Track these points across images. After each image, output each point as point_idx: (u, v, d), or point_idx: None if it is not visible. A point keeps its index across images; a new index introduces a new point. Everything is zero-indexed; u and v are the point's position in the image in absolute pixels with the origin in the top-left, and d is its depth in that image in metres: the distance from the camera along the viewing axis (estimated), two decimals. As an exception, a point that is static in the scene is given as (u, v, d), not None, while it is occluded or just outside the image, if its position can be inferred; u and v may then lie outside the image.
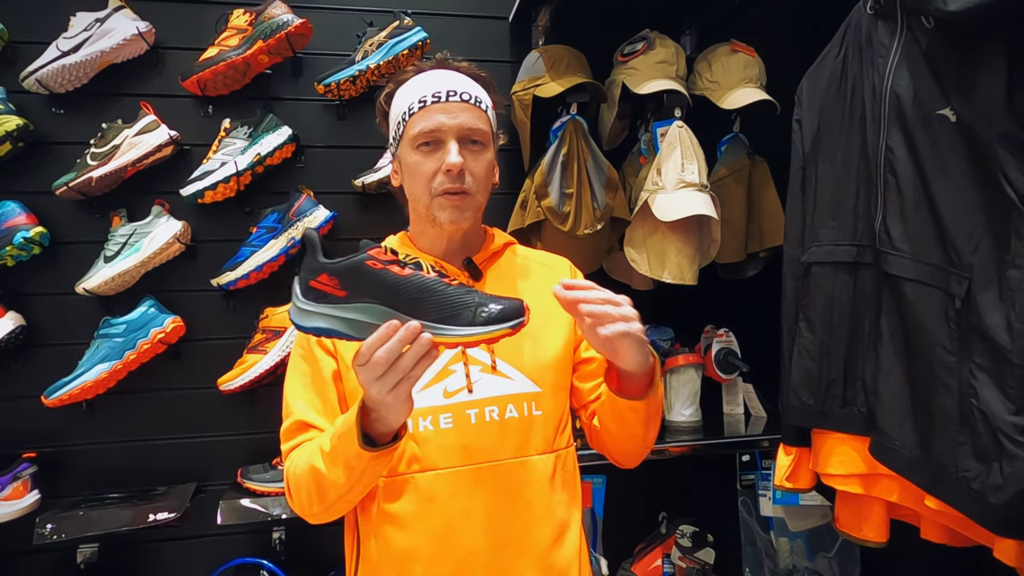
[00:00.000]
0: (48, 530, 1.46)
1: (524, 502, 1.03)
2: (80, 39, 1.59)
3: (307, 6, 1.75)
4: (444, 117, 1.03)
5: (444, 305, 0.80)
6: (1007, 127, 0.95)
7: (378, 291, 0.80)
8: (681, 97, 1.65)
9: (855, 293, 1.25)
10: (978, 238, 1.01)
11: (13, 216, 1.55)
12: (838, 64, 1.27)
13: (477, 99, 1.06)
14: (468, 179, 1.04)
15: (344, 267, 0.81)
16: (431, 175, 1.03)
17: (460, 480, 1.00)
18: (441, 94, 1.04)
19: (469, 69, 1.11)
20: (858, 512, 1.31)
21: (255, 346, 1.64)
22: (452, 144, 1.02)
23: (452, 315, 0.79)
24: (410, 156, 1.05)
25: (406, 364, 0.79)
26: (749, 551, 1.86)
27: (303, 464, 0.96)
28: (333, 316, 0.81)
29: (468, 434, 1.02)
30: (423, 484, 1.00)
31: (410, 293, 0.80)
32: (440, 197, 1.03)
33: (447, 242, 1.10)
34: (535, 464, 1.04)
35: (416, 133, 1.03)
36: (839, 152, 1.27)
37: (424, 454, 1.01)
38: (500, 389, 1.04)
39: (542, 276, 1.16)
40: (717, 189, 1.67)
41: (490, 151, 1.08)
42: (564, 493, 1.07)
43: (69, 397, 1.55)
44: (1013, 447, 0.94)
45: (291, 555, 1.68)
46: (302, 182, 1.74)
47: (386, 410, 0.85)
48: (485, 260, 1.13)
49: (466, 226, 1.07)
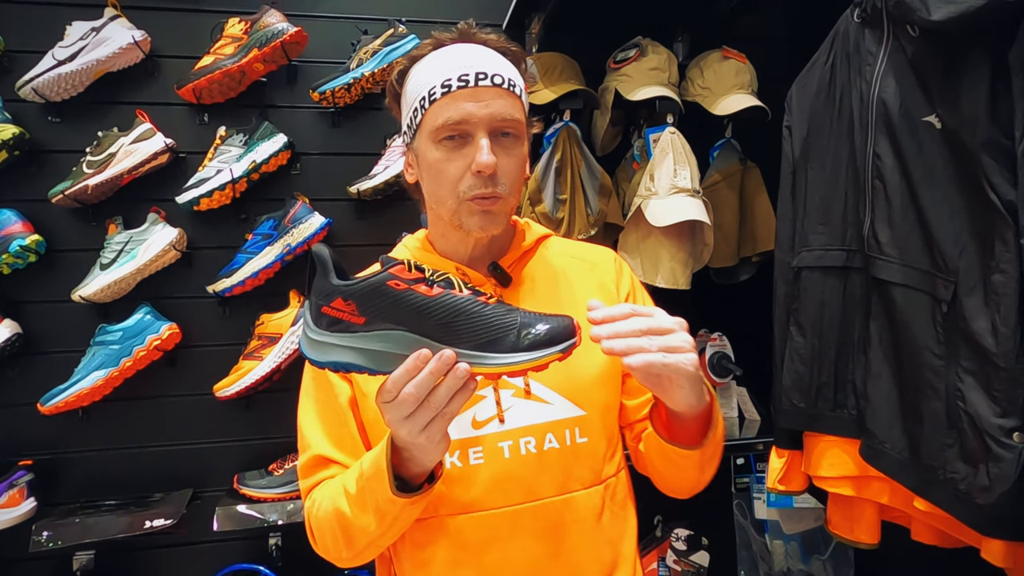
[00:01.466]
0: (44, 537, 1.46)
1: (570, 546, 0.89)
2: (76, 48, 1.60)
3: (302, 14, 1.76)
4: (473, 106, 0.85)
5: (482, 329, 0.69)
6: (991, 134, 0.97)
7: (403, 316, 0.69)
8: (673, 103, 1.66)
9: (845, 297, 1.26)
10: (963, 243, 1.03)
11: (9, 224, 1.56)
12: (826, 71, 1.29)
13: (511, 82, 0.89)
14: (502, 180, 0.87)
15: (361, 289, 0.69)
16: (458, 176, 0.87)
17: (496, 524, 0.87)
18: (469, 77, 0.85)
19: (498, 42, 0.92)
20: (850, 514, 1.32)
21: (251, 352, 1.65)
22: (483, 140, 0.85)
23: (491, 340, 0.68)
24: (431, 151, 0.88)
25: (439, 400, 0.68)
26: (744, 554, 1.87)
27: (327, 506, 0.86)
28: (351, 347, 0.69)
29: (502, 470, 0.88)
30: (454, 529, 0.88)
31: (441, 316, 0.69)
32: (469, 202, 0.87)
33: (473, 247, 0.95)
34: (580, 501, 0.90)
35: (439, 125, 0.86)
36: (828, 158, 1.28)
37: (453, 495, 0.87)
38: (537, 416, 0.89)
39: (582, 275, 1.00)
40: (710, 194, 1.69)
41: (523, 144, 0.92)
42: (614, 528, 0.94)
43: (65, 404, 1.56)
44: (999, 449, 0.95)
45: (288, 561, 1.68)
46: (297, 189, 1.75)
47: (418, 450, 0.74)
48: (515, 262, 0.98)
49: (497, 232, 0.91)
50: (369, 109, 1.81)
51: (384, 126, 1.80)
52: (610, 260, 1.05)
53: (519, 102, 0.91)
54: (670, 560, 1.80)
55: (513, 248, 0.99)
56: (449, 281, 0.71)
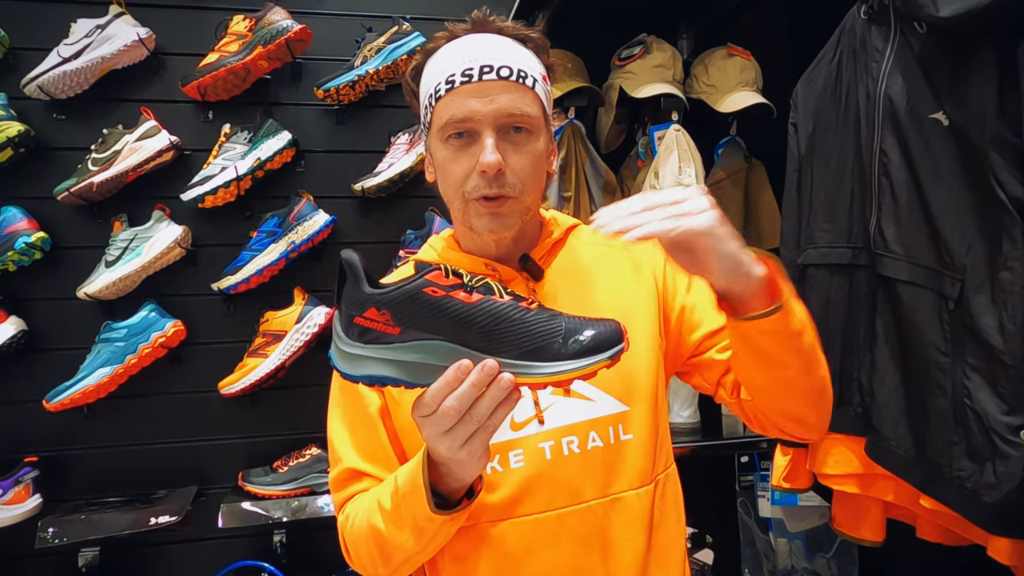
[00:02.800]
0: (50, 534, 1.47)
1: (618, 551, 0.84)
2: (81, 45, 1.60)
3: (306, 12, 1.76)
4: (477, 102, 0.81)
5: (525, 336, 0.65)
6: (998, 131, 0.96)
7: (441, 325, 0.65)
8: (678, 101, 1.66)
9: (850, 295, 1.26)
10: (970, 240, 1.02)
11: (15, 221, 1.56)
12: (833, 68, 1.28)
13: (520, 74, 0.83)
14: (510, 179, 0.83)
15: (396, 297, 0.65)
16: (463, 176, 0.84)
17: (539, 530, 0.83)
18: (473, 71, 0.82)
19: (514, 29, 0.87)
20: (855, 512, 1.32)
21: (256, 350, 1.65)
22: (488, 139, 0.81)
23: (536, 348, 0.65)
24: (440, 150, 0.86)
25: (482, 413, 0.64)
26: (748, 552, 1.87)
27: (361, 522, 0.83)
28: (386, 360, 0.65)
29: (544, 473, 0.84)
30: (495, 537, 0.84)
31: (482, 324, 0.65)
32: (475, 202, 0.84)
33: (496, 245, 0.90)
34: (629, 501, 0.85)
35: (444, 123, 0.83)
36: (834, 155, 1.28)
37: (493, 500, 0.84)
38: (578, 414, 0.85)
39: (616, 260, 0.95)
40: (714, 192, 1.65)
41: (539, 139, 0.86)
42: (664, 528, 0.89)
43: (71, 401, 1.56)
44: (1006, 446, 0.95)
45: (292, 558, 1.68)
46: (302, 186, 1.75)
47: (458, 466, 0.70)
48: (545, 255, 0.94)
49: (510, 234, 0.87)
50: (373, 107, 1.81)
51: (388, 123, 1.80)
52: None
53: (532, 94, 0.85)
54: (674, 558, 1.80)
55: (543, 240, 0.95)
56: (488, 286, 0.67)
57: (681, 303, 0.94)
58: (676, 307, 0.94)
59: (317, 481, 1.62)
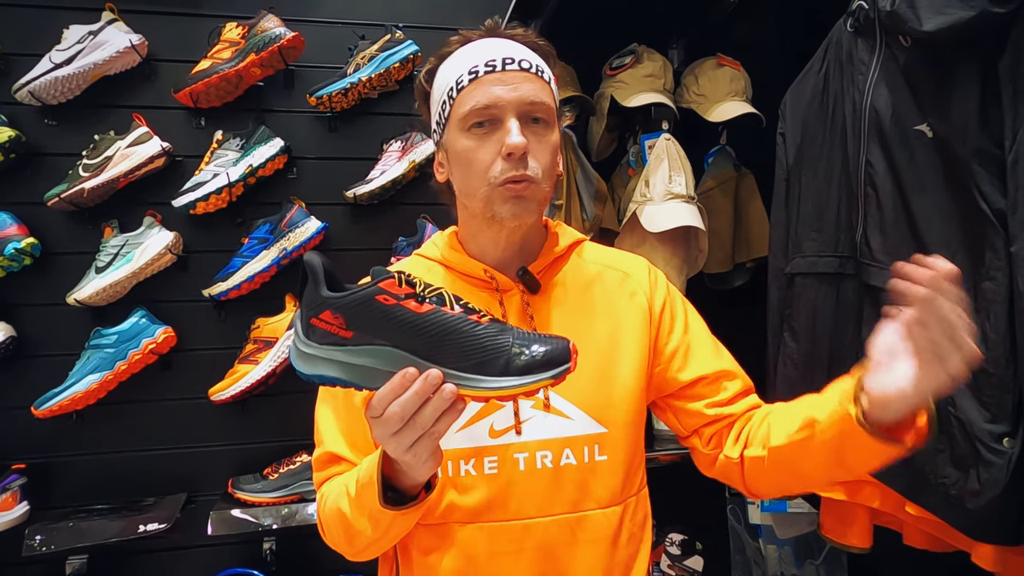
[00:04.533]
0: (37, 541, 1.46)
1: (580, 566, 0.87)
2: (73, 51, 1.60)
3: (299, 19, 1.77)
4: (501, 89, 0.84)
5: (472, 349, 0.66)
6: (981, 143, 0.98)
7: (391, 332, 0.67)
8: (668, 110, 1.67)
9: (837, 303, 1.27)
10: (954, 250, 1.04)
11: (5, 227, 1.56)
12: (820, 79, 1.30)
13: (539, 68, 0.88)
14: (532, 164, 0.85)
15: (350, 303, 0.67)
16: (489, 162, 0.85)
17: (504, 536, 0.86)
18: (496, 62, 0.85)
19: (525, 36, 0.92)
20: (842, 518, 1.33)
21: (246, 356, 1.65)
22: (512, 122, 0.84)
23: (481, 362, 0.66)
24: (460, 141, 0.87)
25: (425, 420, 0.66)
26: (738, 559, 1.88)
27: (331, 503, 0.86)
28: (338, 361, 0.68)
29: (515, 483, 0.86)
30: (462, 538, 0.86)
31: (430, 334, 0.66)
32: (500, 188, 0.85)
33: (505, 246, 0.92)
34: (595, 521, 0.88)
35: (467, 111, 0.85)
36: (821, 165, 1.30)
37: (464, 503, 0.86)
38: (555, 431, 0.87)
39: (615, 285, 0.97)
40: (704, 201, 1.70)
41: (555, 132, 0.90)
42: (629, 549, 0.91)
43: (59, 408, 1.55)
44: (989, 454, 0.96)
45: (282, 566, 1.68)
46: (294, 193, 1.75)
47: (407, 467, 0.73)
48: (545, 268, 0.95)
49: (531, 221, 0.90)
50: (366, 114, 1.82)
51: (380, 131, 1.81)
52: (644, 270, 1.01)
53: (549, 88, 0.90)
54: (664, 565, 1.81)
55: (544, 253, 0.96)
56: (441, 298, 0.69)
57: (677, 342, 0.97)
58: (671, 344, 0.97)
59: (307, 488, 1.61)
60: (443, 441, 0.74)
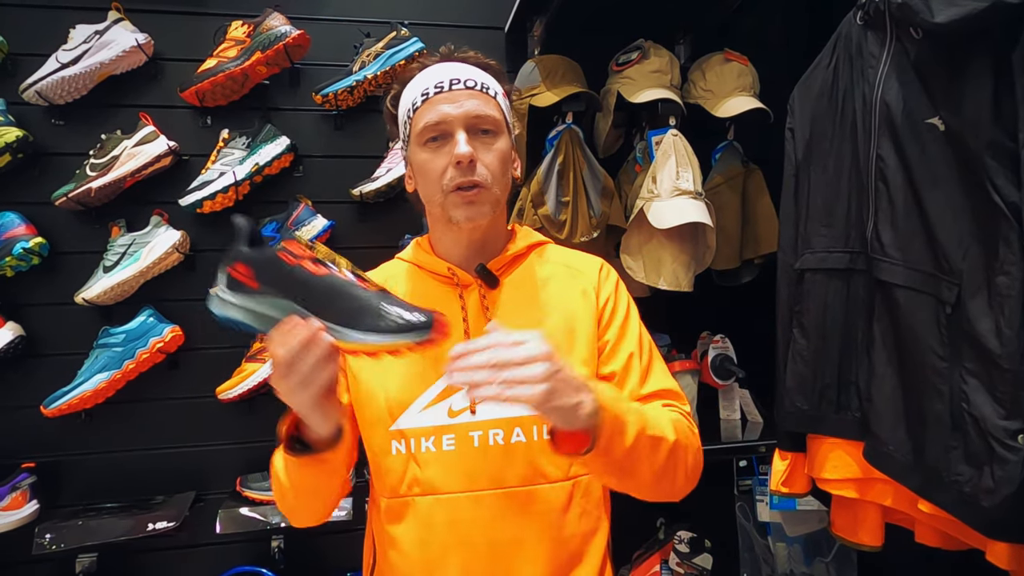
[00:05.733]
0: (47, 540, 1.46)
1: (530, 533, 0.95)
2: (80, 51, 1.60)
3: (305, 17, 1.76)
4: (449, 107, 0.96)
5: (352, 309, 0.75)
6: (994, 136, 0.97)
7: (289, 287, 0.77)
8: (675, 106, 1.66)
9: (848, 299, 1.26)
10: (967, 245, 1.03)
11: (12, 227, 1.56)
12: (829, 74, 1.29)
13: (484, 85, 1.00)
14: (481, 170, 0.96)
15: (258, 258, 0.78)
16: (441, 171, 0.96)
17: (460, 507, 0.94)
18: (444, 84, 0.97)
19: (476, 59, 1.04)
20: (853, 516, 1.32)
21: (253, 355, 1.65)
22: (460, 134, 0.95)
23: (356, 319, 0.75)
24: (419, 154, 0.99)
25: (305, 366, 0.75)
26: (747, 556, 1.87)
27: (274, 466, 0.98)
28: (244, 308, 0.78)
29: (470, 458, 0.95)
30: (423, 508, 0.95)
31: (321, 292, 0.76)
32: (452, 194, 0.96)
33: (466, 246, 1.02)
34: (543, 494, 0.95)
35: (422, 128, 0.97)
36: (831, 160, 1.29)
37: (425, 476, 0.95)
38: (506, 411, 0.95)
39: (566, 282, 1.05)
40: (712, 196, 1.69)
41: (503, 140, 1.00)
42: (582, 524, 0.98)
43: (68, 407, 1.56)
44: (1003, 451, 0.95)
45: (290, 563, 1.68)
46: (300, 192, 1.75)
47: (304, 417, 0.82)
48: (504, 266, 1.04)
49: (484, 223, 0.99)
50: (372, 112, 1.81)
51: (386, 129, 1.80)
52: (595, 267, 1.09)
53: (495, 102, 1.00)
54: (673, 563, 1.80)
55: (504, 252, 1.05)
56: (336, 264, 0.79)
57: (607, 338, 1.03)
58: (604, 336, 1.03)
59: (315, 486, 1.61)
60: (407, 421, 0.93)
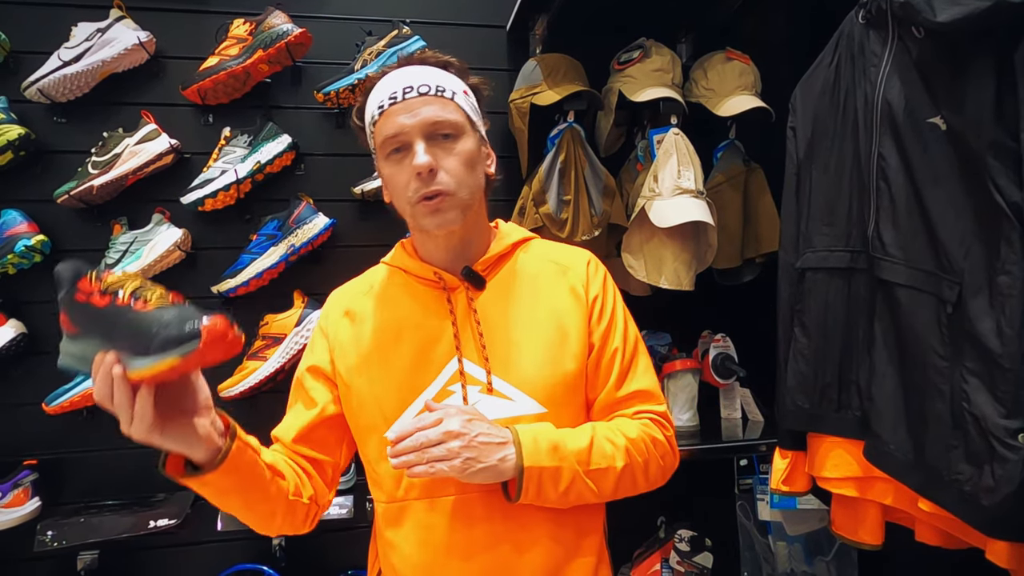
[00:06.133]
0: (49, 537, 1.47)
1: (526, 534, 0.95)
2: (81, 49, 1.61)
3: (307, 15, 1.77)
4: (404, 117, 0.93)
5: (133, 334, 0.70)
6: (996, 136, 0.97)
7: (89, 324, 0.74)
8: (677, 105, 1.66)
9: (849, 298, 1.26)
10: (968, 244, 1.02)
11: (14, 224, 1.57)
12: (831, 72, 1.29)
13: (439, 88, 0.96)
14: (443, 177, 0.93)
15: (64, 301, 0.75)
16: (405, 183, 0.94)
17: (456, 509, 0.94)
18: (397, 94, 0.94)
19: (435, 58, 1.00)
20: (854, 515, 1.32)
21: (255, 353, 1.65)
22: (418, 144, 0.93)
23: (137, 344, 0.70)
24: (384, 167, 0.98)
25: (120, 400, 0.72)
26: (747, 555, 1.87)
27: None
28: (70, 353, 0.76)
29: None
30: (419, 512, 0.95)
31: (109, 323, 0.72)
32: (418, 204, 0.94)
33: (446, 249, 1.01)
34: None
35: (382, 141, 0.96)
36: (832, 159, 1.28)
37: (420, 480, 0.94)
38: (499, 411, 0.95)
39: (554, 279, 1.04)
40: (713, 195, 1.69)
41: (467, 140, 0.97)
42: (578, 521, 0.98)
43: (70, 404, 1.56)
44: (1004, 450, 0.95)
45: (291, 561, 1.69)
46: (302, 190, 1.75)
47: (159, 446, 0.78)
48: (490, 266, 1.04)
49: (456, 228, 0.97)
50: (373, 110, 1.81)
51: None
52: (583, 263, 1.08)
53: (452, 104, 0.97)
54: (673, 561, 1.80)
55: (488, 252, 1.04)
56: (116, 291, 0.74)
57: (594, 334, 1.02)
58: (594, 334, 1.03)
59: (316, 484, 1.62)
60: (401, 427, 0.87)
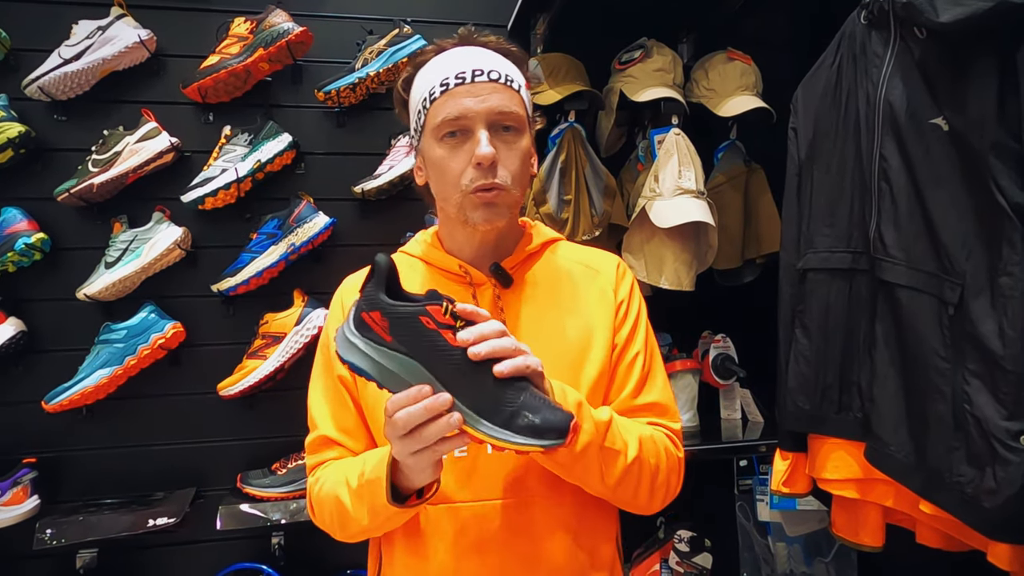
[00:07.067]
0: (48, 535, 1.47)
1: (545, 543, 0.92)
2: (82, 47, 1.61)
3: (307, 14, 1.76)
4: (471, 101, 0.88)
5: (486, 395, 0.72)
6: (998, 136, 0.97)
7: (423, 350, 0.73)
8: (678, 105, 1.66)
9: (850, 299, 1.26)
10: (970, 245, 1.02)
11: (15, 222, 1.56)
12: (833, 73, 1.29)
13: (508, 78, 0.92)
14: (502, 172, 0.90)
15: (397, 313, 0.74)
16: (460, 170, 0.90)
17: (472, 516, 0.91)
18: (466, 74, 0.89)
19: (497, 44, 0.96)
20: (854, 517, 1.32)
21: (255, 351, 1.65)
22: (482, 133, 0.88)
23: (488, 409, 0.71)
24: (435, 149, 0.92)
25: (429, 436, 0.72)
26: (747, 556, 1.86)
27: (328, 489, 0.92)
28: (371, 358, 0.75)
29: (483, 466, 0.91)
30: (434, 516, 0.92)
31: (456, 365, 0.72)
32: (471, 195, 0.90)
33: (479, 244, 0.97)
34: (560, 500, 0.93)
35: (440, 122, 0.90)
36: (834, 160, 1.28)
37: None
38: None
39: (586, 281, 1.02)
40: (714, 196, 1.69)
41: (526, 138, 0.94)
42: (595, 530, 0.97)
43: (69, 402, 1.56)
44: (1006, 452, 0.95)
45: (290, 560, 1.68)
46: (302, 189, 1.75)
47: (408, 470, 0.79)
48: (518, 264, 1.00)
49: (502, 225, 0.94)
50: (374, 109, 1.81)
51: (389, 126, 1.80)
52: (613, 266, 1.06)
53: (519, 97, 0.93)
54: (672, 562, 1.80)
55: (518, 250, 1.01)
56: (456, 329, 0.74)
57: (618, 338, 1.00)
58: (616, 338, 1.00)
59: (316, 483, 1.62)
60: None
